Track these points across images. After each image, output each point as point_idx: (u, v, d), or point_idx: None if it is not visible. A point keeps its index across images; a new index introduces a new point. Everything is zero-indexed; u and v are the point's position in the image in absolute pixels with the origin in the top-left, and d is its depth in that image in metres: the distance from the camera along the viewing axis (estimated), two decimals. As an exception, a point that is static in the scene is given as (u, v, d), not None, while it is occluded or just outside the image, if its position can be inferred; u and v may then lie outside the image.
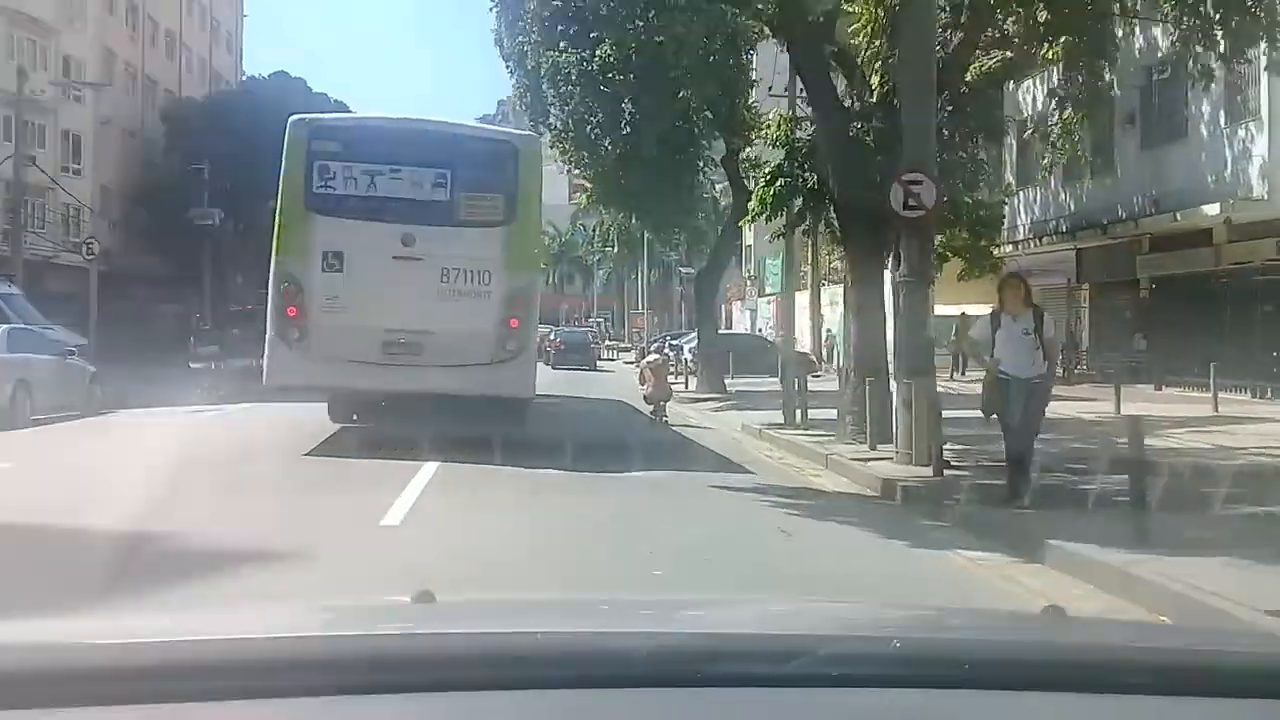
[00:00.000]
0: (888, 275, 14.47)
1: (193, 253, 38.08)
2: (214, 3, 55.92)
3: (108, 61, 43.28)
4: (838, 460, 12.80)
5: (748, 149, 26.66)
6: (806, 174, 16.06)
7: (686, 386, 27.76)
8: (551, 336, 46.55)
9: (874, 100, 14.90)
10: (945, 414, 11.98)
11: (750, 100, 26.46)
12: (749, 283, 59.82)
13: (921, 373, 12.00)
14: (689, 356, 35.90)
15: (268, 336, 13.87)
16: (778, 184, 16.35)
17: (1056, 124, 16.91)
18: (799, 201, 16.62)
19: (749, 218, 18.69)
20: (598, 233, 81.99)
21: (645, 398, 19.75)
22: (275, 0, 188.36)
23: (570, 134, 25.87)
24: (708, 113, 25.47)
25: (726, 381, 27.79)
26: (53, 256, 35.83)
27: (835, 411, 15.74)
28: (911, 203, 12.08)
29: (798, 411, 17.68)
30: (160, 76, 48.80)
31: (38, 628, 1.93)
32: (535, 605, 3.04)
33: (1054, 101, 16.70)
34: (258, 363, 15.61)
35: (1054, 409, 10.73)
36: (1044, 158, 21.89)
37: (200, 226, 37.10)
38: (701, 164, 28.40)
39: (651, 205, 28.20)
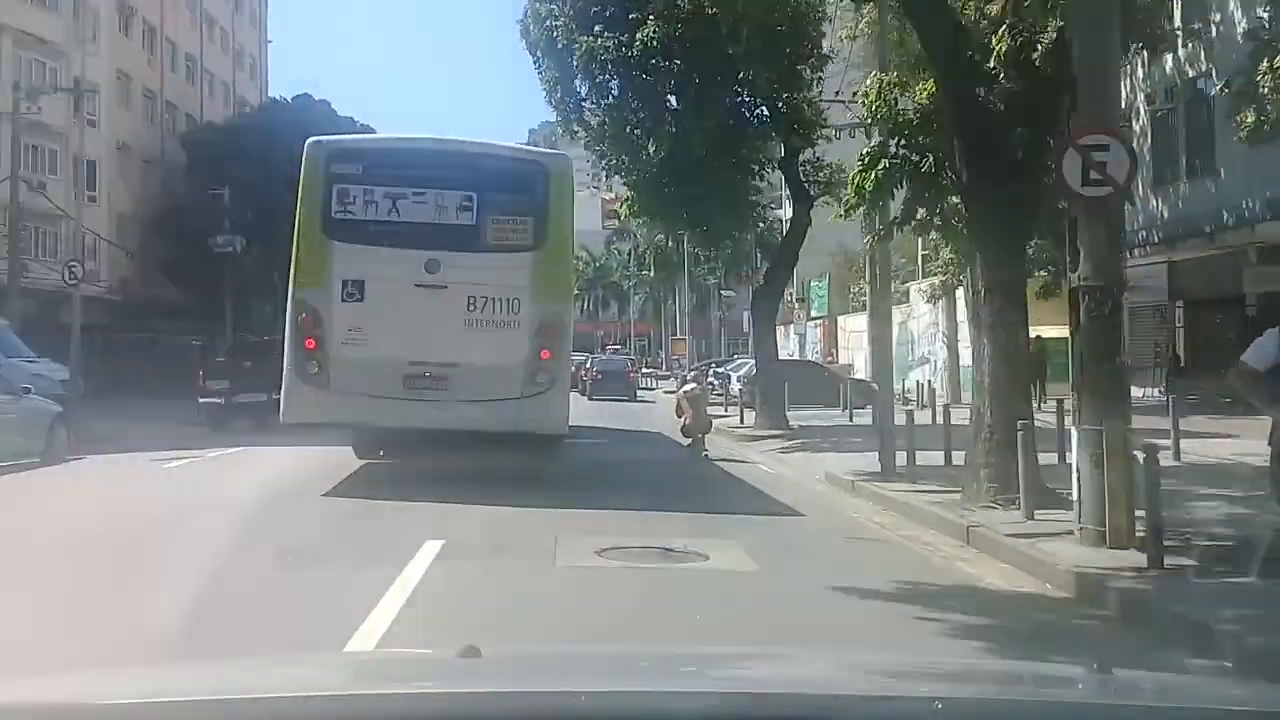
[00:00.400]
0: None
1: (215, 282, 37.88)
2: (236, 27, 55.59)
3: (123, 85, 42.71)
4: (987, 536, 9.81)
5: (809, 150, 24.76)
6: (915, 155, 13.41)
7: (742, 421, 25.65)
8: (587, 365, 45.38)
9: (1003, 58, 11.64)
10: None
11: (815, 94, 24.02)
12: (795, 305, 59.00)
13: (1116, 414, 8.86)
14: (739, 386, 33.62)
15: (284, 370, 13.57)
16: (880, 167, 13.38)
17: (1265, 74, 13.88)
18: (904, 190, 13.90)
19: (844, 209, 15.18)
20: (633, 256, 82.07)
21: (683, 429, 19.29)
22: (300, 25, 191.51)
23: (607, 133, 23.59)
24: (763, 108, 23.58)
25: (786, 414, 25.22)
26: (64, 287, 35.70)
27: (937, 456, 13.60)
28: (1094, 175, 8.92)
29: (898, 457, 15.10)
30: (181, 102, 48.44)
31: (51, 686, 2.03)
32: (580, 660, 3.08)
33: (1251, 47, 14.07)
34: (272, 398, 15.31)
35: (1205, 449, 8.98)
36: (1249, 118, 17.93)
37: (221, 254, 36.98)
38: (757, 168, 25.89)
39: (700, 215, 25.94)
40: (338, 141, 14.86)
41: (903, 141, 13.51)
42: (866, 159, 13.77)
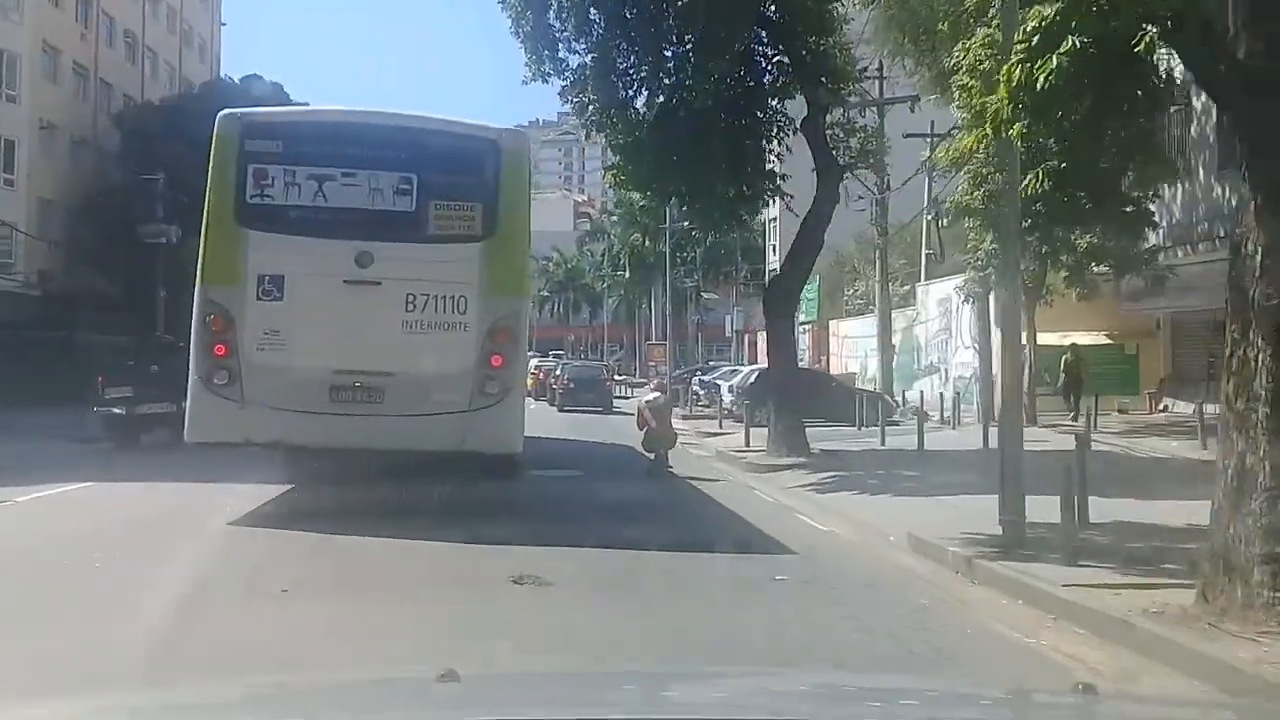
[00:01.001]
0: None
1: (146, 274, 36.49)
2: (185, 6, 53.94)
3: (50, 58, 40.96)
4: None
5: (837, 111, 21.67)
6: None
7: (748, 443, 22.50)
8: (558, 372, 44.28)
9: None
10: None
11: (845, 39, 21.12)
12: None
13: None
14: (730, 398, 32.77)
15: (190, 380, 12.46)
16: (1066, 50, 7.95)
17: None
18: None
19: (988, 126, 9.65)
20: (607, 257, 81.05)
21: (644, 443, 18.58)
22: (261, 9, 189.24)
23: (589, 78, 19.85)
24: (783, 55, 20.45)
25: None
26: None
27: (1050, 506, 10.05)
28: None
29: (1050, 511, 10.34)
30: (118, 81, 46.38)
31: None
32: (560, 683, 3.19)
33: None
34: (180, 408, 13.89)
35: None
36: None
37: (152, 245, 35.53)
38: (774, 130, 21.47)
39: (702, 184, 21.02)
40: (253, 114, 13.65)
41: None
42: (1032, 37, 8.23)
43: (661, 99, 19.83)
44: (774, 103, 21.28)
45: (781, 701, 2.61)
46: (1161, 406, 27.47)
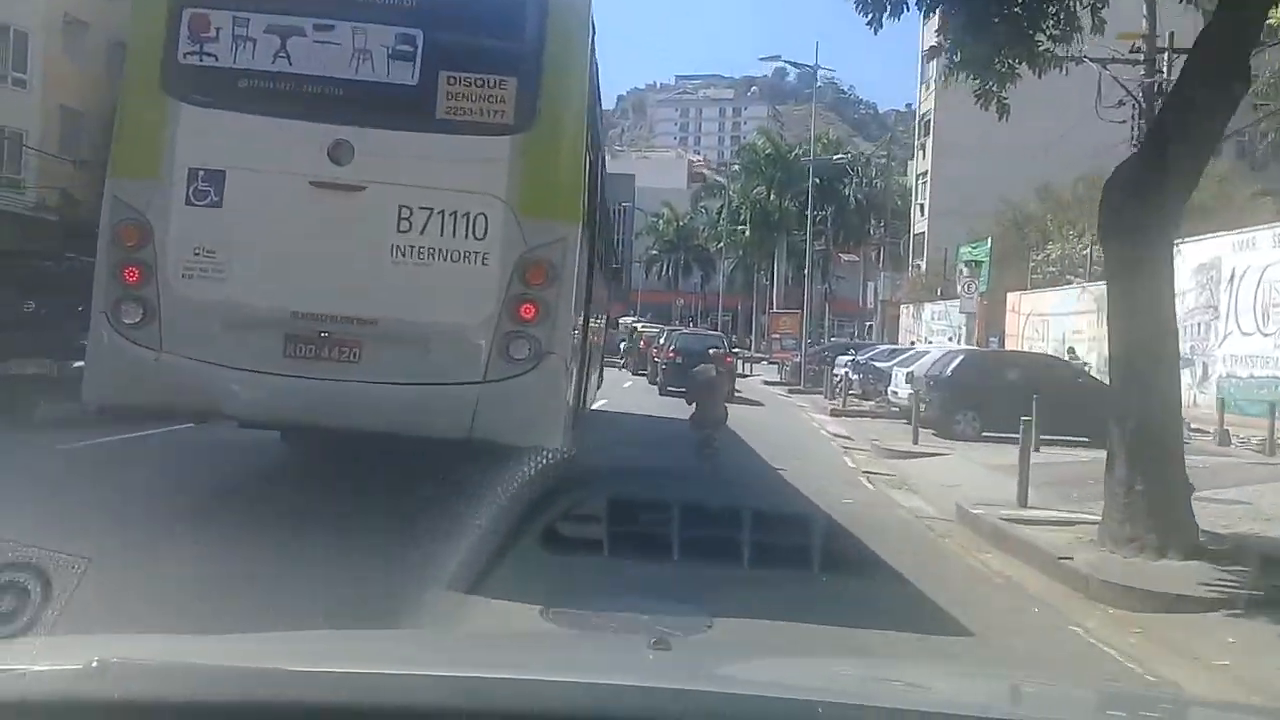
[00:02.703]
0: None
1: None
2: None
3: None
4: None
5: None
6: None
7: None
8: (662, 341, 37.95)
9: None
10: None
11: None
12: (929, 278, 53.35)
13: None
14: (909, 390, 25.41)
15: (92, 318, 9.79)
16: None
17: None
18: None
19: None
20: (726, 211, 77.78)
21: (693, 420, 17.58)
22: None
23: None
24: None
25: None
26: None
27: None
28: None
29: None
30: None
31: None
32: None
33: None
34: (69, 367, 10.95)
35: None
36: None
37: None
38: None
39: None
40: None
41: None
42: None
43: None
44: None
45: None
46: None
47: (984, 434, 22.55)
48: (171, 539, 8.52)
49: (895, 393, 27.85)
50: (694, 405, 17.97)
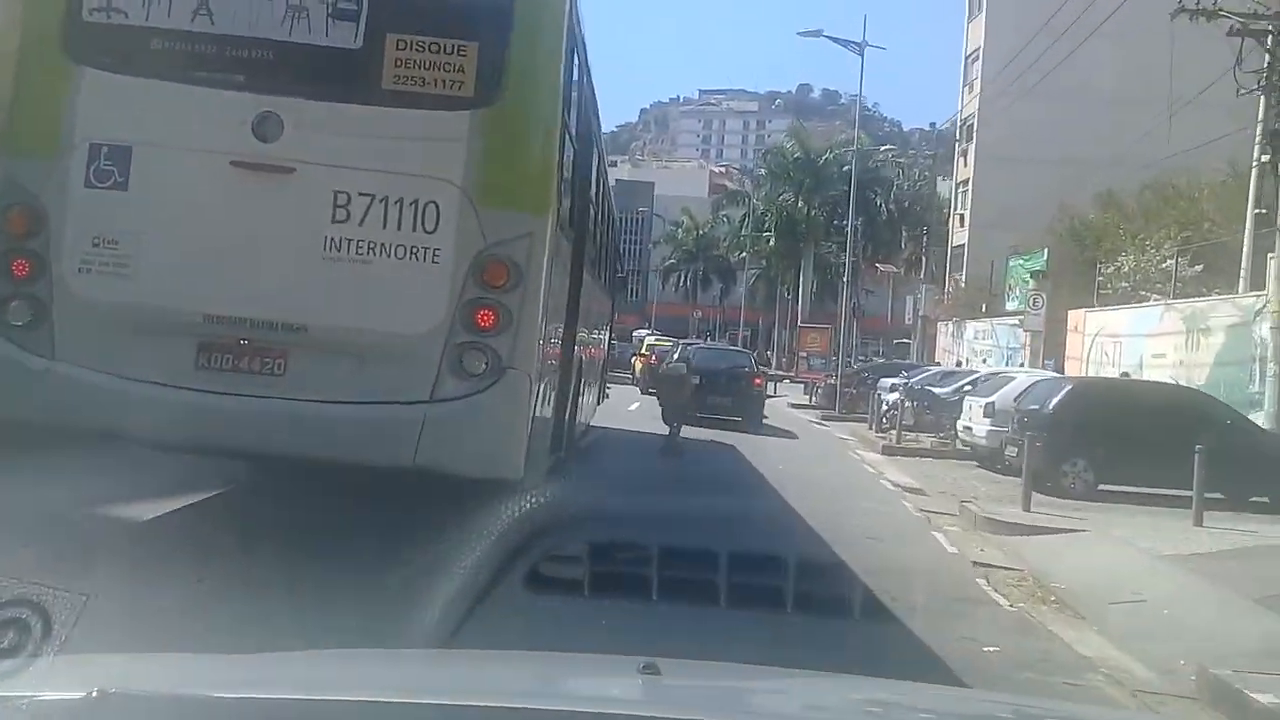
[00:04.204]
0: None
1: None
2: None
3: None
4: None
5: None
6: None
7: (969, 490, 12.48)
8: (674, 357, 32.00)
9: None
10: None
11: None
12: (971, 292, 52.09)
13: None
14: (989, 429, 22.60)
15: None
16: None
17: None
18: None
19: None
20: (749, 219, 77.07)
21: (664, 416, 21.61)
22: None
23: None
24: None
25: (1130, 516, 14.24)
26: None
27: None
28: None
29: None
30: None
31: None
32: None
33: None
34: None
35: None
36: None
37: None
38: None
39: None
40: None
41: None
42: None
43: None
44: None
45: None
46: None
47: (1099, 487, 18.85)
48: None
49: (969, 429, 23.97)
50: (661, 399, 21.74)
